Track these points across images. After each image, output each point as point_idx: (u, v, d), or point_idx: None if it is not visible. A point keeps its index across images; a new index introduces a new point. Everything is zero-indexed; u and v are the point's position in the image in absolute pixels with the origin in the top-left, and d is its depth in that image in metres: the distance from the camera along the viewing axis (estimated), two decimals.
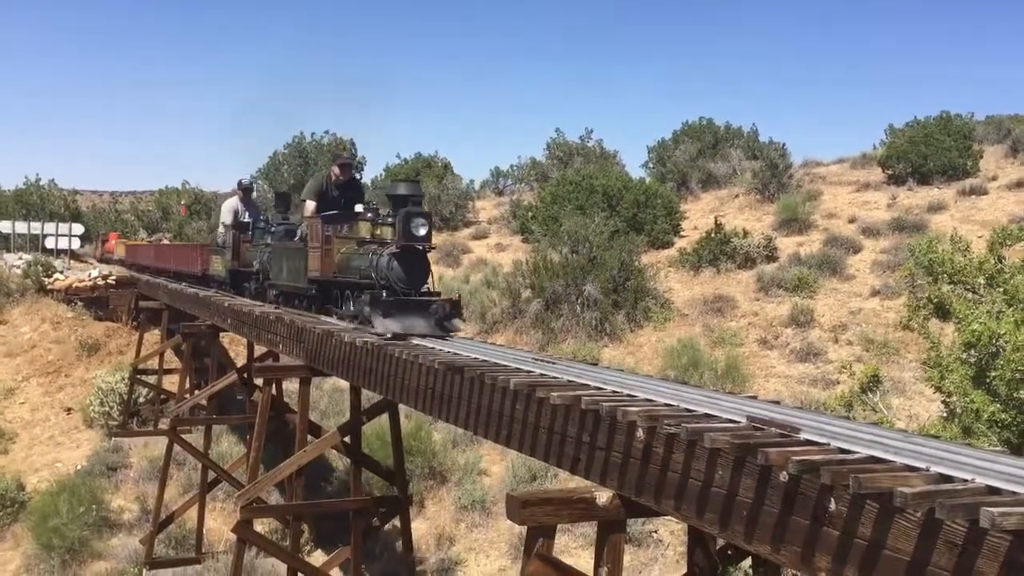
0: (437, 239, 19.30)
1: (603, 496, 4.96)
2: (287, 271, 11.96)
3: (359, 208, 10.77)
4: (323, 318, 10.52)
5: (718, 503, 4.10)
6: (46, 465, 20.23)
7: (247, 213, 15.81)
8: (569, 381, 5.70)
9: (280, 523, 16.06)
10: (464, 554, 15.39)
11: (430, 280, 9.22)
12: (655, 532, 13.98)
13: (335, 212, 11.08)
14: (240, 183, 16.61)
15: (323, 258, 10.40)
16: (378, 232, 9.72)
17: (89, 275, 25.37)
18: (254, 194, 17.94)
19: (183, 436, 16.44)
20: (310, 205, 11.76)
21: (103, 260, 33.46)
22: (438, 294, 9.32)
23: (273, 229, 13.87)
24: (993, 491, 3.05)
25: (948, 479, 3.23)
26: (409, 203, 9.00)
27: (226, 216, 16.20)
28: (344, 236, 10.41)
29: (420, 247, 8.97)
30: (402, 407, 10.25)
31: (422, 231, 8.88)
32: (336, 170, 12.11)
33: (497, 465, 16.90)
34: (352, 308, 9.75)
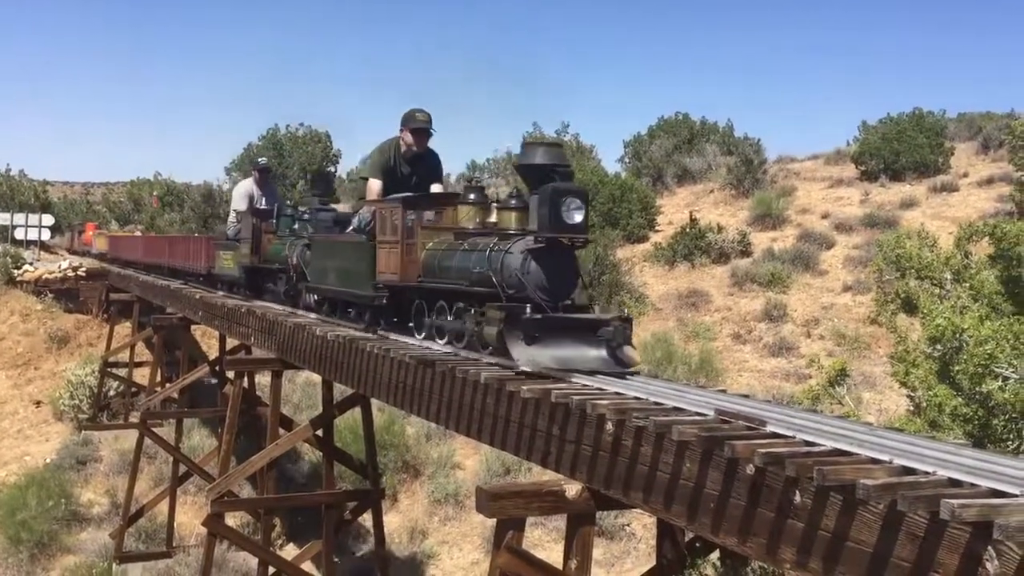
0: None
1: (573, 489, 4.97)
2: (339, 272, 8.86)
3: (436, 188, 8.73)
4: (393, 337, 7.79)
5: (686, 495, 4.12)
6: (15, 458, 19.99)
7: (264, 199, 13.41)
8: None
9: (251, 517, 15.97)
10: (437, 547, 15.40)
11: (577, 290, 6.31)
12: (627, 525, 14.05)
13: (411, 195, 8.29)
14: (256, 163, 14.31)
15: (403, 255, 7.47)
16: (492, 219, 7.08)
17: (59, 267, 25.09)
18: (271, 176, 15.15)
19: (154, 429, 16.32)
20: (375, 185, 8.93)
21: (78, 253, 32.17)
22: (588, 307, 6.48)
23: (306, 216, 11.03)
24: (954, 483, 3.08)
25: (911, 471, 3.26)
26: (555, 176, 6.06)
27: (239, 202, 13.56)
28: (433, 226, 7.55)
29: (573, 241, 6.08)
30: (375, 400, 10.20)
31: (577, 217, 5.96)
32: (408, 138, 8.87)
33: (471, 459, 16.91)
34: (451, 323, 6.87)
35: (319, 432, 11.59)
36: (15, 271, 24.93)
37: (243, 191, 13.70)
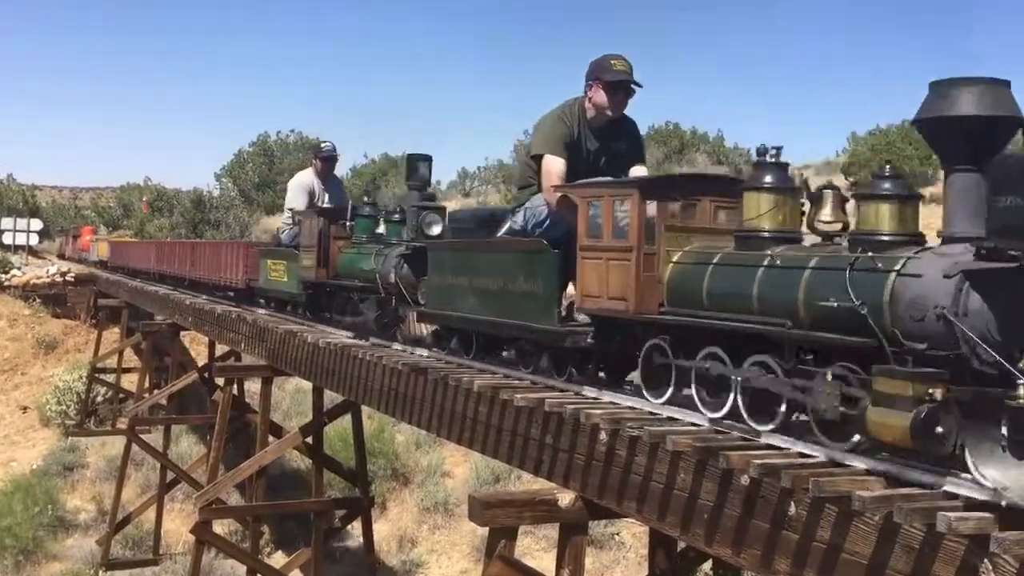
0: None
1: (566, 498, 4.95)
2: (488, 296, 5.96)
3: (639, 172, 6.22)
4: (608, 398, 5.04)
5: (679, 506, 4.11)
6: (0, 464, 19.85)
7: (327, 195, 10.73)
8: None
9: (240, 524, 15.90)
10: (426, 556, 15.35)
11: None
12: (617, 534, 14.03)
13: (652, 177, 6.40)
14: (319, 150, 11.17)
15: (638, 271, 4.63)
16: (827, 218, 4.24)
17: (47, 271, 24.97)
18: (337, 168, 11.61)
19: (142, 436, 16.22)
20: (556, 165, 5.94)
21: (73, 260, 30.68)
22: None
23: (397, 216, 8.27)
24: (950, 496, 3.08)
25: (907, 483, 3.26)
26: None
27: (297, 198, 10.74)
28: (684, 226, 4.76)
29: None
30: (365, 408, 10.17)
31: None
32: (601, 97, 6.01)
33: (460, 467, 16.87)
34: (743, 378, 4.07)
35: (309, 439, 11.53)
36: (3, 275, 24.80)
37: (301, 184, 10.85)
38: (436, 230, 7.16)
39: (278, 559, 15.08)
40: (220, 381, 12.17)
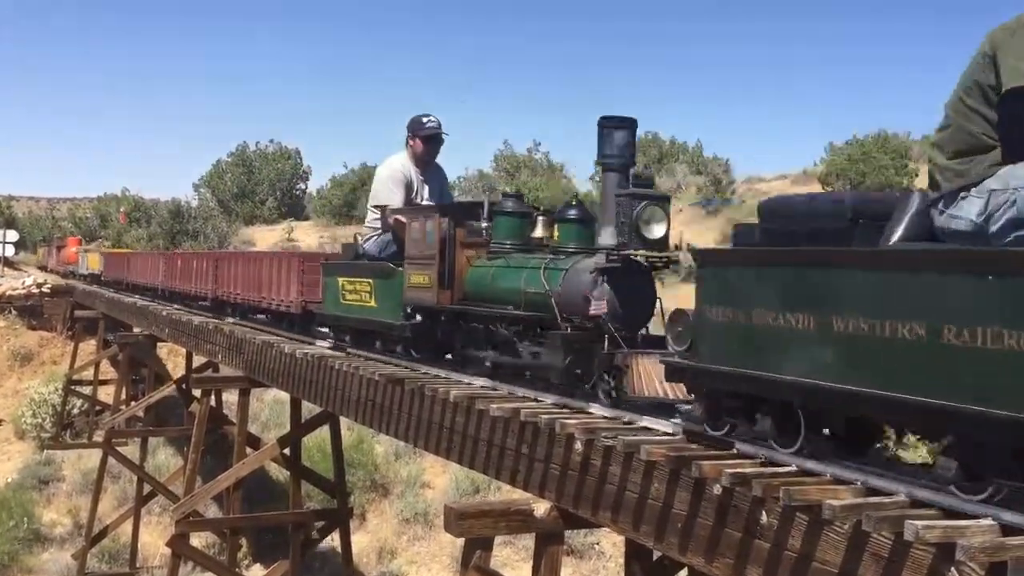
0: None
1: (541, 508, 4.96)
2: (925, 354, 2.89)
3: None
4: None
5: (654, 515, 4.12)
6: None
7: (426, 188, 7.90)
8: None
9: (217, 537, 15.78)
10: (406, 567, 15.29)
11: None
12: (597, 544, 14.04)
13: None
14: (419, 125, 7.78)
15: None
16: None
17: (23, 283, 24.74)
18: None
19: (118, 448, 16.10)
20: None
21: (57, 274, 29.05)
22: None
23: (573, 214, 5.84)
24: (918, 504, 3.11)
25: (877, 492, 3.29)
26: None
27: (390, 193, 7.74)
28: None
29: None
30: (344, 419, 10.14)
31: None
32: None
33: (440, 477, 16.83)
34: None
35: (287, 451, 11.48)
36: None
37: (395, 174, 7.77)
38: (659, 231, 5.01)
39: (256, 572, 14.99)
40: (197, 393, 12.09)
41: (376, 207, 7.82)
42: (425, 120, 7.79)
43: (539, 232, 6.19)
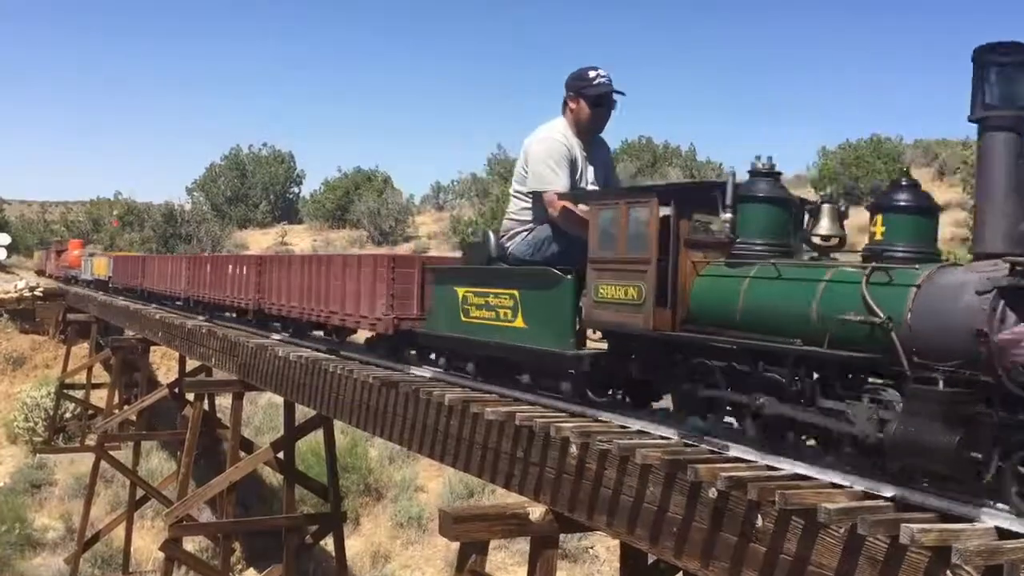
0: (378, 252, 13.64)
1: (536, 512, 4.95)
2: None
3: None
4: None
5: (649, 519, 4.12)
6: None
7: (590, 168, 5.94)
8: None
9: (210, 541, 15.72)
10: (400, 571, 15.26)
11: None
12: (591, 548, 14.02)
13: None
14: (583, 80, 5.75)
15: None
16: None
17: (15, 286, 24.66)
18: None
19: (111, 452, 16.04)
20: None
21: (58, 279, 27.50)
22: None
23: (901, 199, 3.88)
24: (914, 507, 3.11)
25: (872, 496, 3.29)
26: None
27: (553, 173, 5.70)
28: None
29: None
30: (338, 422, 10.12)
31: None
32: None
33: (434, 481, 16.80)
34: None
35: (280, 455, 11.45)
36: None
37: (558, 148, 5.73)
38: None
39: None
40: (190, 396, 12.06)
41: (528, 194, 5.81)
42: (593, 75, 5.68)
43: (824, 228, 4.31)
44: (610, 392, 5.07)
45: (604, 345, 4.98)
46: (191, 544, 14.79)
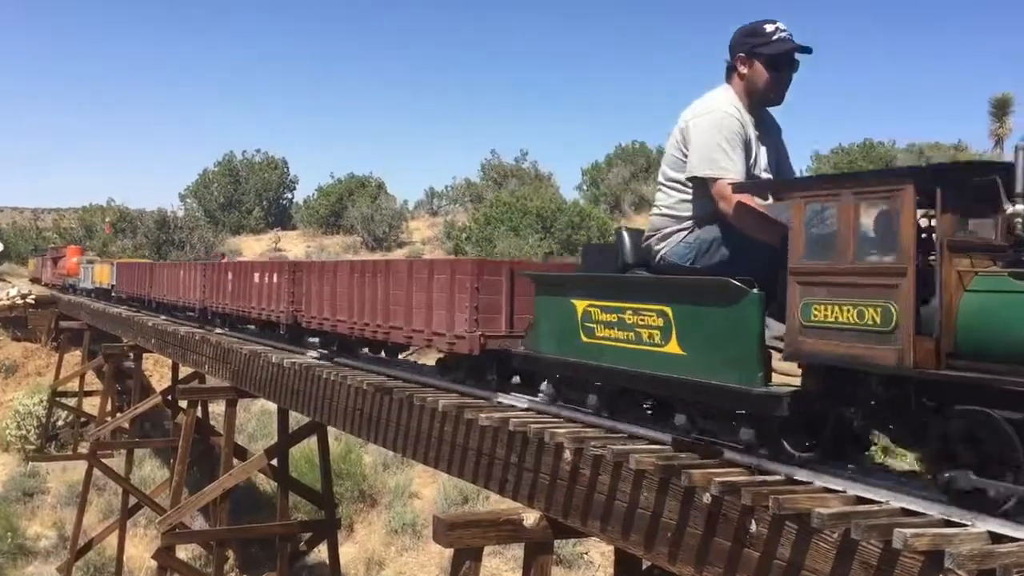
0: (372, 258, 14.26)
1: (530, 517, 4.94)
2: None
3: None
4: None
5: (643, 524, 4.11)
6: None
7: (762, 149, 4.68)
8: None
9: (204, 549, 15.66)
10: None
11: None
12: (586, 553, 13.99)
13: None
14: (761, 37, 4.49)
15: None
16: None
17: (7, 294, 24.57)
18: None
19: (104, 460, 15.98)
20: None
21: (55, 287, 26.53)
22: None
23: None
24: (907, 512, 3.11)
25: (865, 500, 3.29)
26: None
27: (726, 155, 4.45)
28: None
29: None
30: (332, 429, 10.09)
31: None
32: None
33: (428, 487, 16.76)
34: None
35: (274, 462, 11.43)
36: None
37: (731, 125, 4.53)
38: None
39: None
40: (183, 403, 12.02)
41: (688, 182, 4.62)
42: (771, 29, 4.51)
43: None
44: (808, 444, 3.75)
45: (795, 380, 3.71)
46: (184, 552, 14.73)
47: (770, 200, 4.28)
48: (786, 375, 3.74)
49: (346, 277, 8.14)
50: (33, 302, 24.31)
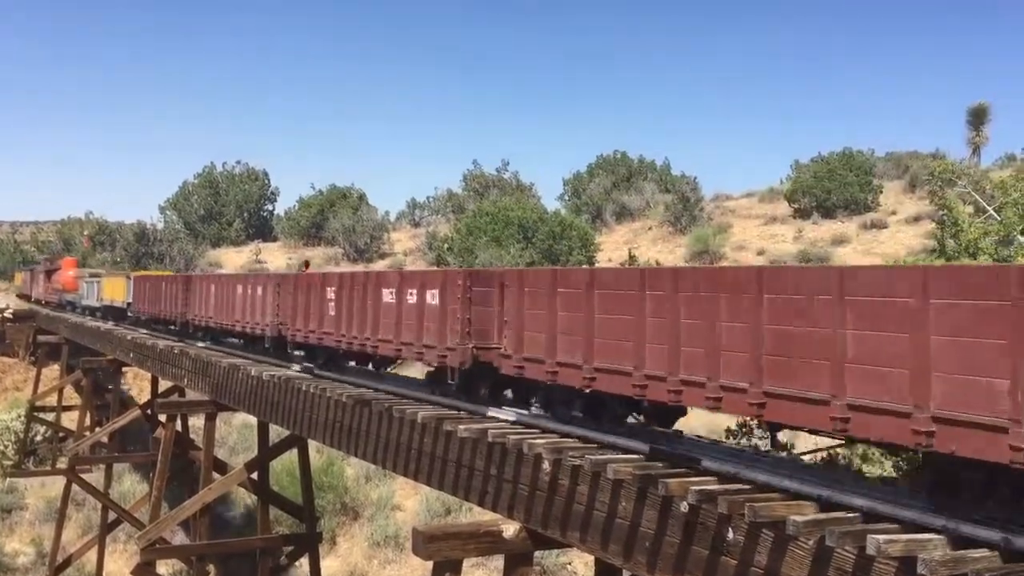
0: (352, 270, 13.69)
1: (510, 529, 4.93)
2: None
3: None
4: None
5: (622, 534, 4.12)
6: None
7: None
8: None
9: (184, 564, 15.53)
10: None
11: None
12: (570, 564, 13.97)
13: None
14: None
15: None
16: None
17: None
18: None
19: (82, 475, 15.83)
20: None
21: (49, 304, 24.39)
22: None
23: None
24: (881, 518, 3.13)
25: (840, 507, 3.30)
26: None
27: None
28: None
29: None
30: (312, 442, 10.04)
31: None
32: None
33: (411, 499, 16.70)
34: None
35: (254, 475, 11.35)
36: None
37: None
38: None
39: None
40: (163, 417, 11.93)
41: None
42: None
43: None
44: None
45: None
46: (164, 567, 14.60)
47: None
48: None
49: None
50: (10, 316, 24.09)
